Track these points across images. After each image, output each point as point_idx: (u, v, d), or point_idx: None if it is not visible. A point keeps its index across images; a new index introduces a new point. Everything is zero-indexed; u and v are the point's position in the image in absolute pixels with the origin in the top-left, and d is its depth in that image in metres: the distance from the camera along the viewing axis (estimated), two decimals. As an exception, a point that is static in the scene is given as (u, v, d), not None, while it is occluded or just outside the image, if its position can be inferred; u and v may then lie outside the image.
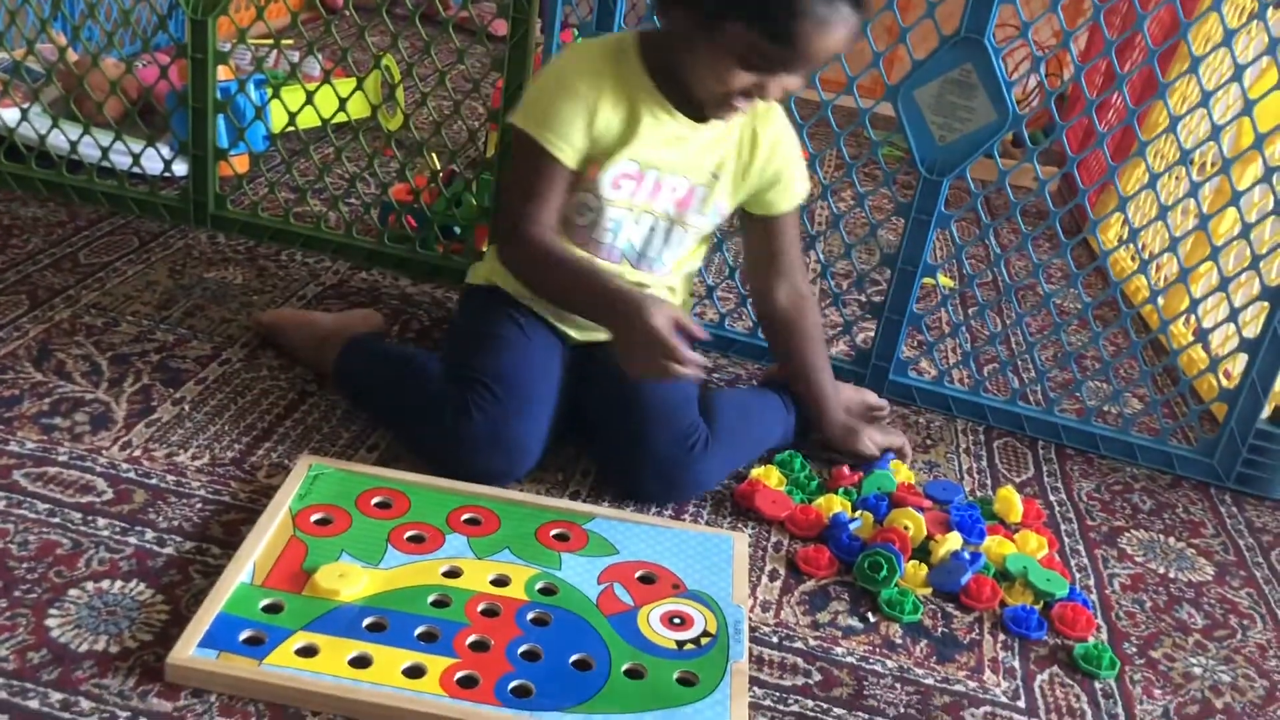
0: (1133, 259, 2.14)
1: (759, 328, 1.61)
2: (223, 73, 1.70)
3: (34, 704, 0.87)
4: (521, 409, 1.20)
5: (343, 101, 1.66)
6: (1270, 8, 1.35)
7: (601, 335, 1.29)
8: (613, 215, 1.27)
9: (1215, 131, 1.39)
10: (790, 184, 1.33)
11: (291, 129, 1.69)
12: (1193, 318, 1.53)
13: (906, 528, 1.23)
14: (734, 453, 1.29)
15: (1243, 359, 1.45)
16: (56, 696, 0.88)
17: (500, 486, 1.20)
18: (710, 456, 1.24)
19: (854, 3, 1.11)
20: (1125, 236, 1.51)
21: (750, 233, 1.38)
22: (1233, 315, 1.45)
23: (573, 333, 1.32)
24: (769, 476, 1.31)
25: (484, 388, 1.20)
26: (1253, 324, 1.46)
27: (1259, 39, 1.36)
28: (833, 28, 1.10)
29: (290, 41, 2.45)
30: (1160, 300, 1.53)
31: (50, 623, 0.95)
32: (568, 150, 1.21)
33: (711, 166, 1.28)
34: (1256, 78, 1.76)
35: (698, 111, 1.23)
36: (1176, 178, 2.06)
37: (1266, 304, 1.41)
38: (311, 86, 1.67)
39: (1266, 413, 1.47)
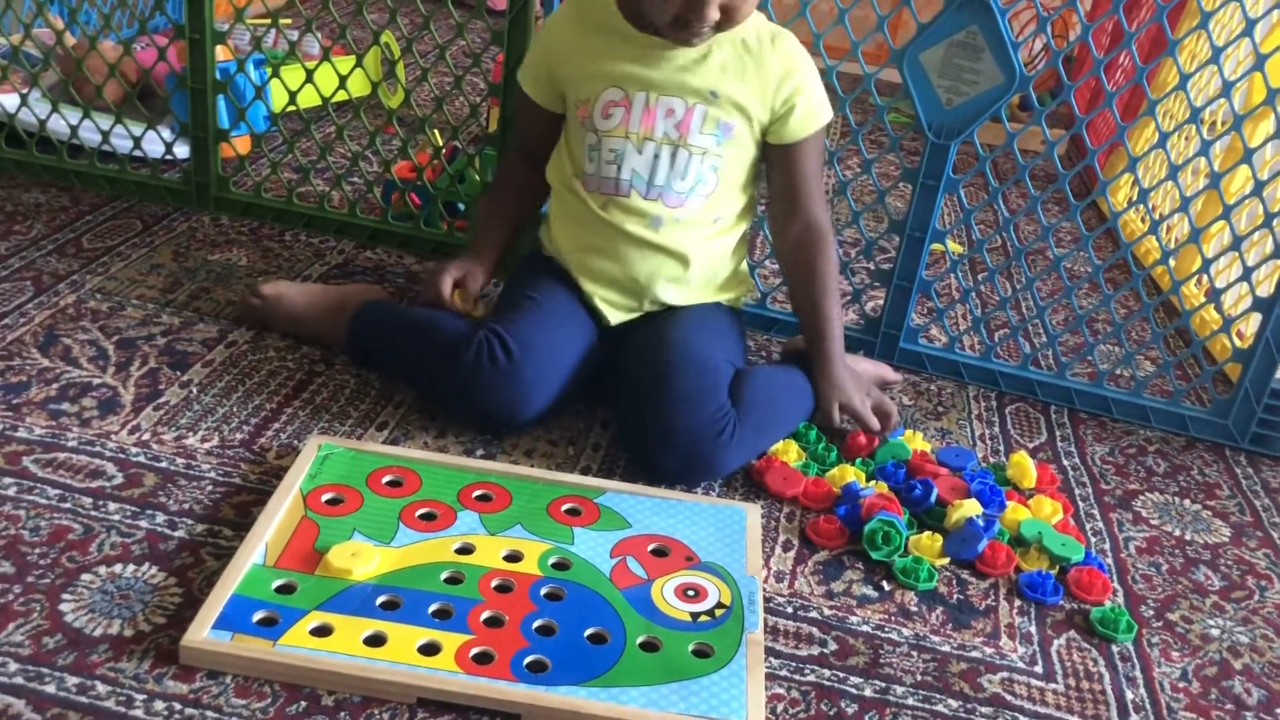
0: (1143, 220, 2.12)
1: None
2: (221, 53, 1.69)
3: (50, 689, 0.87)
4: (530, 356, 1.23)
5: (343, 80, 1.65)
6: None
7: (634, 315, 1.34)
8: (612, 146, 1.29)
9: (1226, 88, 1.37)
10: (805, 112, 1.30)
11: (292, 108, 1.68)
12: (1204, 278, 1.51)
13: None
14: (760, 438, 1.27)
15: (1256, 319, 1.44)
16: (73, 681, 0.88)
17: (507, 431, 1.24)
18: (736, 443, 1.22)
19: None
20: (1135, 198, 1.49)
21: (769, 164, 1.36)
22: (1246, 274, 1.44)
23: (607, 312, 1.33)
24: (787, 451, 1.30)
25: (498, 335, 1.23)
26: (1266, 282, 1.45)
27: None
28: None
29: (289, 20, 2.43)
30: (1171, 261, 1.51)
31: (64, 607, 0.95)
32: (529, 82, 1.36)
33: (706, 85, 1.28)
34: (1268, 32, 1.74)
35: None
36: (1186, 137, 2.04)
37: (1280, 262, 1.39)
38: (311, 65, 1.65)
39: (1281, 372, 1.46)
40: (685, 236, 1.31)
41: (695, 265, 1.32)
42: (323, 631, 0.95)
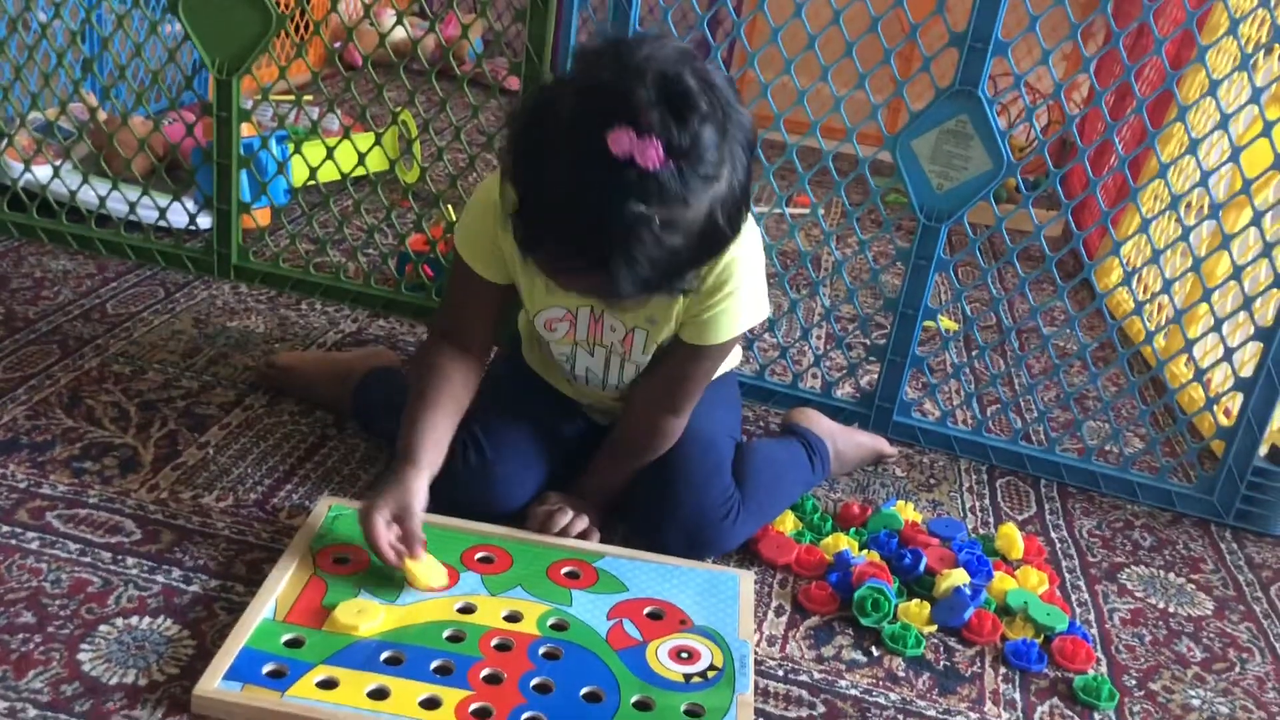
0: (1132, 301, 2.17)
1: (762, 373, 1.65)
2: (246, 129, 1.76)
3: (67, 735, 0.91)
4: (505, 456, 1.25)
5: (361, 156, 1.72)
6: (1253, 59, 1.40)
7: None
8: (561, 351, 1.26)
9: (1204, 178, 1.43)
10: (721, 324, 1.17)
11: (312, 183, 1.75)
12: (1188, 357, 1.56)
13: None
14: (763, 516, 1.30)
15: (1240, 397, 1.49)
16: (88, 727, 0.92)
17: (495, 521, 1.24)
18: (740, 525, 1.25)
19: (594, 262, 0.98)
20: (1121, 279, 1.54)
21: (669, 346, 1.23)
22: (1227, 355, 1.49)
23: (596, 417, 1.35)
24: (784, 521, 1.34)
25: (473, 436, 1.25)
26: (1250, 363, 1.50)
27: (1247, 87, 1.41)
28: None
29: (310, 98, 2.53)
30: (1159, 340, 1.56)
31: (82, 657, 0.99)
32: (480, 263, 1.19)
33: (645, 313, 1.18)
34: (1250, 123, 1.81)
35: None
36: (1174, 220, 2.10)
37: (1260, 344, 1.44)
38: (332, 142, 1.73)
39: (1263, 450, 1.50)
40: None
41: None
42: (329, 684, 0.98)
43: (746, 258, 1.16)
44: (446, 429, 1.19)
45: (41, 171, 1.88)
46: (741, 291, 1.16)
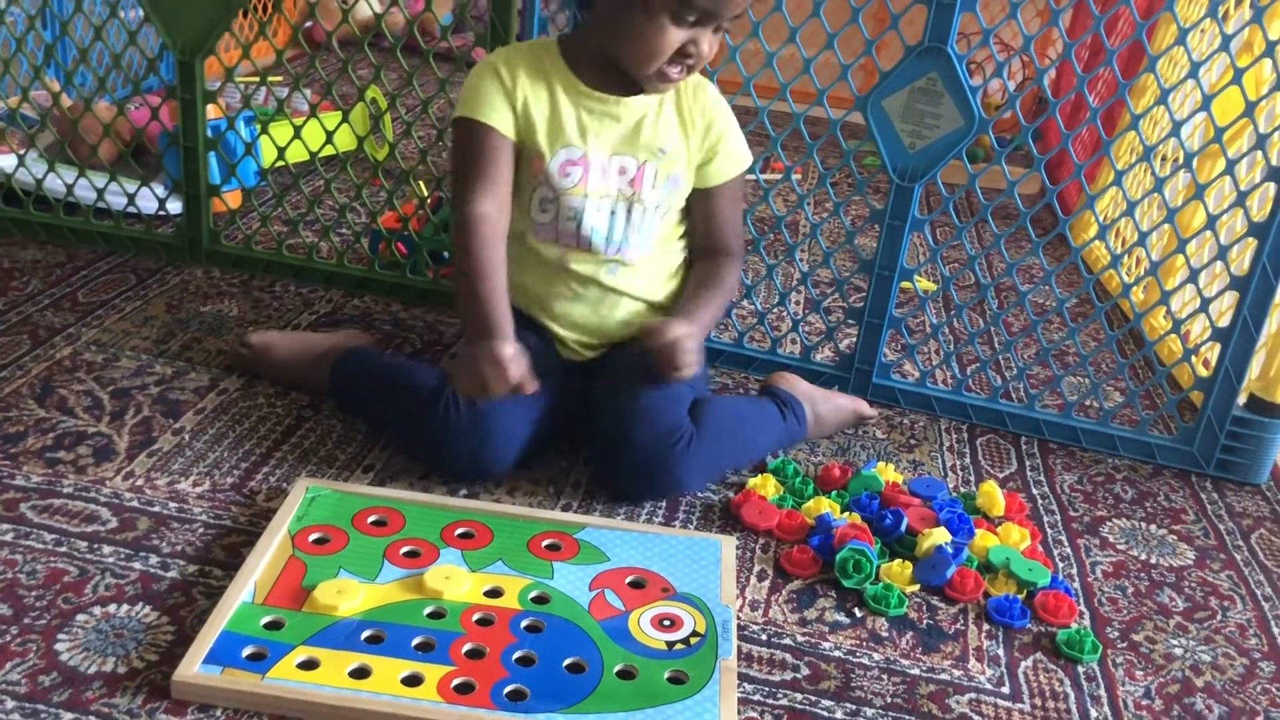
0: (1108, 254, 2.17)
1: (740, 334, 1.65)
2: (212, 111, 1.74)
3: (46, 725, 0.91)
4: (496, 412, 1.25)
5: (330, 134, 1.71)
6: (1220, 5, 1.39)
7: (602, 351, 1.37)
8: (570, 204, 1.31)
9: (1175, 128, 1.43)
10: (725, 158, 1.36)
11: (281, 163, 1.73)
12: (1166, 309, 1.56)
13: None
14: (719, 454, 1.32)
15: (1218, 347, 1.49)
16: (68, 717, 0.92)
17: (486, 480, 1.27)
18: (693, 456, 1.27)
19: None
20: (1097, 232, 1.54)
21: (692, 204, 1.39)
22: (1204, 305, 1.49)
23: (577, 351, 1.38)
24: (765, 485, 1.34)
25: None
26: (1227, 313, 1.49)
27: (1219, 35, 1.40)
28: None
29: (279, 78, 2.50)
30: (1136, 293, 1.56)
31: (59, 647, 0.99)
32: (496, 116, 1.28)
33: (655, 143, 1.32)
34: (1223, 73, 1.80)
35: (625, 90, 1.30)
36: (1148, 171, 2.09)
37: (1236, 293, 1.44)
38: (299, 121, 1.71)
39: (1242, 400, 1.50)
40: (641, 278, 1.36)
41: (652, 301, 1.38)
42: (310, 665, 0.98)
43: (722, 102, 1.37)
44: (507, 300, 1.25)
45: (5, 161, 1.86)
46: (730, 128, 1.36)
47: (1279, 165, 1.37)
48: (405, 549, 1.14)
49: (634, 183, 1.32)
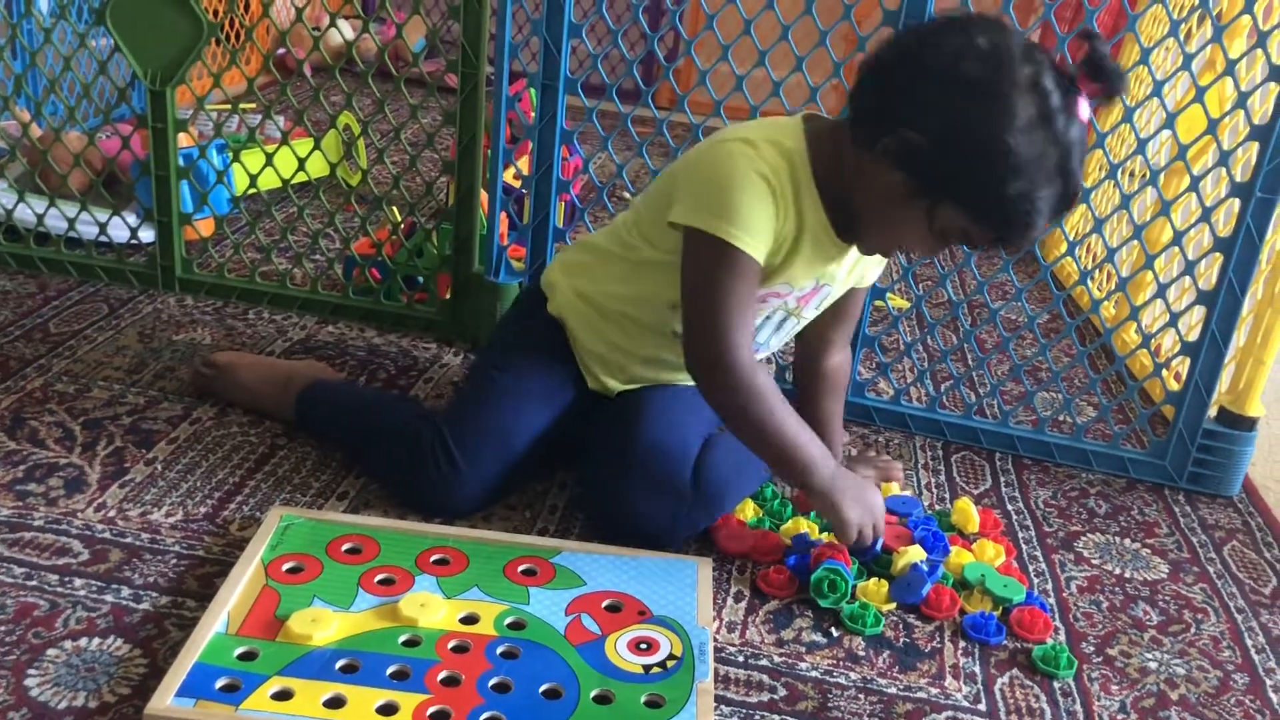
0: (1078, 270, 2.19)
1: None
2: (184, 140, 1.74)
3: (16, 762, 0.90)
4: (474, 460, 1.25)
5: (302, 161, 1.71)
6: (1182, 25, 1.41)
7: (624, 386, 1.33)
8: None
9: (1141, 145, 1.44)
10: (875, 266, 1.32)
11: (254, 190, 1.73)
12: (1135, 324, 1.58)
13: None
14: (718, 511, 1.28)
15: (1188, 361, 1.50)
16: (38, 753, 0.91)
17: (465, 517, 1.26)
18: (693, 523, 1.25)
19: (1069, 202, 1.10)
20: (1067, 249, 1.56)
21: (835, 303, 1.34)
22: (1173, 320, 1.50)
23: (613, 385, 1.34)
24: (744, 508, 1.34)
25: (441, 439, 1.25)
26: (1196, 327, 1.51)
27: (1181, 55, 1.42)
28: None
29: (251, 106, 2.50)
30: (1106, 308, 1.57)
31: (29, 682, 0.98)
32: (762, 248, 1.13)
33: (838, 271, 1.26)
34: (1186, 91, 1.83)
35: (850, 231, 1.19)
36: (1115, 188, 2.12)
37: (1204, 307, 1.46)
38: (271, 149, 1.71)
39: (1212, 413, 1.52)
40: None
41: None
42: (284, 696, 0.97)
43: None
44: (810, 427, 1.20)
45: (-24, 191, 1.85)
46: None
47: (1243, 181, 1.39)
48: (380, 576, 1.14)
49: (802, 300, 1.26)
